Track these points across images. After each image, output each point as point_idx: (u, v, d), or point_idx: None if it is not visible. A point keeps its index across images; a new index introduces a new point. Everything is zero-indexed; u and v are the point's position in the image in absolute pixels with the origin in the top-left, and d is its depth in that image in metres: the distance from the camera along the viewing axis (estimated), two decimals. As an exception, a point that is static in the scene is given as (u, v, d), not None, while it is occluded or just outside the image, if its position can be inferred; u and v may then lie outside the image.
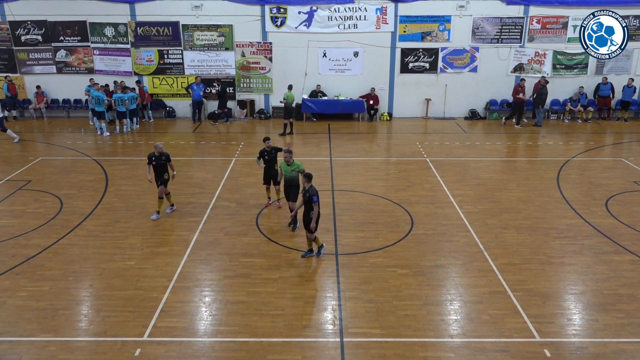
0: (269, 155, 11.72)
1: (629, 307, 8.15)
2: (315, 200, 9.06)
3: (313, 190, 9.16)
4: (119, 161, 15.71)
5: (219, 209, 11.94)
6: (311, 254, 9.68)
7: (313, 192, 9.12)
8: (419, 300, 8.34)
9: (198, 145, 17.51)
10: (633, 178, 14.00)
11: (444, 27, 20.39)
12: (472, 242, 10.37)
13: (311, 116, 21.09)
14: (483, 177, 14.17)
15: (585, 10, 18.11)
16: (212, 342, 7.37)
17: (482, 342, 7.35)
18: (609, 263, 9.53)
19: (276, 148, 11.86)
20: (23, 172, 14.52)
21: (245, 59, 20.85)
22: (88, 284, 8.90)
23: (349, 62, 20.87)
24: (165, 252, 9.96)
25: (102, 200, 12.51)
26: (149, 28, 20.40)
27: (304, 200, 9.32)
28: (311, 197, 9.09)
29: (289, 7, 20.11)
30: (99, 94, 18.36)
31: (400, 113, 21.56)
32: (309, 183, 9.24)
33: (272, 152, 11.72)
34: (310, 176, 9.31)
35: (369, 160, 15.94)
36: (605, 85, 20.27)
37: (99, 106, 18.22)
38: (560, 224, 11.20)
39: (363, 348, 7.23)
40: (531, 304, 8.21)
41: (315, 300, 8.36)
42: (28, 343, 7.35)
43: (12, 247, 10.15)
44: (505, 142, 17.91)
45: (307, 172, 9.44)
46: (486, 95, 21.35)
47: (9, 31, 20.50)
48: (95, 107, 18.32)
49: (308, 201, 9.18)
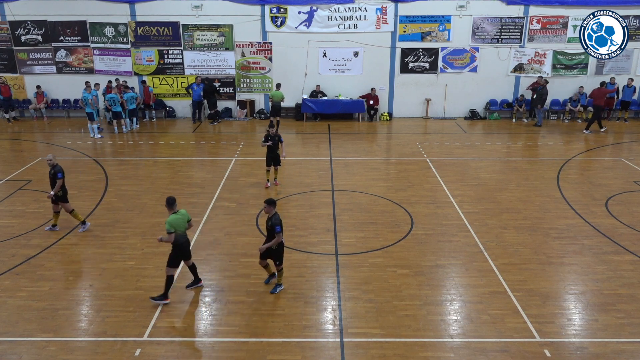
0: (272, 141, 12.82)
1: (629, 307, 8.15)
2: (278, 230, 7.99)
3: (277, 219, 8.06)
4: (119, 161, 15.71)
5: (219, 209, 11.94)
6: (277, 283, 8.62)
7: (276, 222, 8.02)
8: (419, 300, 8.34)
9: (198, 145, 17.51)
10: (633, 178, 14.00)
11: (444, 27, 20.39)
12: (472, 242, 10.37)
13: (312, 116, 21.11)
14: (483, 177, 14.17)
15: (585, 10, 18.13)
16: (212, 342, 7.37)
17: (482, 342, 7.36)
18: (609, 263, 9.53)
19: (279, 136, 13.01)
20: (23, 172, 14.52)
21: (245, 59, 20.85)
22: (88, 284, 8.90)
23: (349, 62, 20.87)
24: (165, 252, 9.88)
25: (102, 200, 12.51)
26: (149, 28, 20.41)
27: (266, 228, 8.29)
28: (273, 226, 8.01)
29: (289, 7, 20.11)
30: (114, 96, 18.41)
31: (400, 113, 21.56)
32: (273, 209, 8.13)
33: (275, 138, 12.84)
34: (273, 202, 8.19)
35: (369, 160, 15.94)
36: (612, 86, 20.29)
37: (88, 107, 18.01)
38: (560, 224, 11.20)
39: (363, 348, 7.23)
40: (531, 304, 8.21)
41: (315, 300, 8.36)
42: (28, 343, 7.35)
43: (12, 247, 10.15)
44: (505, 142, 17.91)
45: (270, 198, 8.28)
46: (486, 95, 21.36)
47: (9, 31, 20.50)
48: (85, 108, 18.06)
49: (270, 230, 8.14)
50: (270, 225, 8.10)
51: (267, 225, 8.24)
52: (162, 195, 12.73)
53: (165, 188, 13.26)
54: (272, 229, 8.08)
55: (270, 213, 8.12)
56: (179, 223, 8.08)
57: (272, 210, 8.11)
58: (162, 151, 16.88)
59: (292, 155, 16.62)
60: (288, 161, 15.72)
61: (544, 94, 19.77)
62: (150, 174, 14.44)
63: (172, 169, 14.91)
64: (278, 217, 8.12)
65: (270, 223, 8.10)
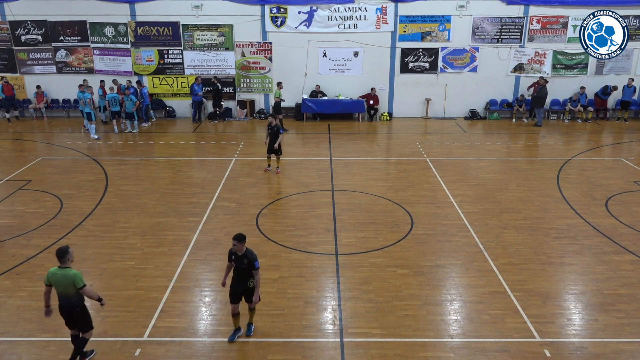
0: (271, 130, 13.79)
1: (629, 307, 8.15)
2: (258, 266, 7.06)
3: (252, 254, 7.06)
4: (119, 161, 15.71)
5: (219, 209, 11.94)
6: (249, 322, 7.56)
7: (253, 257, 7.03)
8: (419, 300, 8.34)
9: (198, 145, 17.51)
10: (633, 178, 14.00)
11: (444, 27, 20.39)
12: (472, 242, 10.37)
13: (312, 116, 21.12)
14: (483, 177, 14.17)
15: (585, 10, 18.13)
16: (212, 342, 7.36)
17: (482, 342, 7.35)
18: (609, 263, 9.53)
19: (278, 126, 13.95)
20: (23, 172, 14.52)
21: (245, 59, 20.85)
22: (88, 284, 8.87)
23: (349, 62, 20.88)
24: (165, 252, 9.95)
25: (102, 200, 12.51)
26: (149, 28, 20.41)
27: (239, 267, 7.14)
28: (252, 263, 7.00)
29: (289, 7, 20.11)
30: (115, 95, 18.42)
31: (400, 113, 21.56)
32: (244, 245, 7.04)
33: (274, 128, 13.82)
34: (243, 237, 7.04)
35: (369, 160, 15.94)
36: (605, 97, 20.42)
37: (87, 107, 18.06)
38: (560, 224, 11.20)
39: (363, 348, 7.23)
40: (531, 304, 8.21)
41: (315, 300, 8.36)
42: (28, 343, 7.35)
43: (12, 247, 10.15)
44: (505, 142, 17.91)
45: (239, 233, 7.11)
46: (486, 95, 21.36)
47: (9, 31, 20.50)
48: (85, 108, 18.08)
49: (247, 269, 7.07)
50: (247, 263, 7.02)
51: (241, 265, 7.06)
52: (162, 195, 12.74)
53: (165, 188, 13.26)
54: (250, 266, 7.03)
55: (241, 251, 7.01)
56: (58, 280, 6.51)
57: (244, 246, 7.02)
58: (162, 151, 16.88)
59: (292, 155, 16.63)
60: (288, 161, 15.74)
61: (544, 94, 19.77)
62: (150, 174, 14.44)
63: (172, 169, 14.91)
64: (252, 252, 7.11)
65: (246, 261, 7.01)
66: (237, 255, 7.09)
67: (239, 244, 6.98)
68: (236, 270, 7.21)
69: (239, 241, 6.98)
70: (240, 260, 7.08)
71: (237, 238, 7.01)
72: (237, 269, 7.18)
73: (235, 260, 7.13)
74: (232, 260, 7.18)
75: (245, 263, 7.05)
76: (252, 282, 7.19)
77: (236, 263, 7.15)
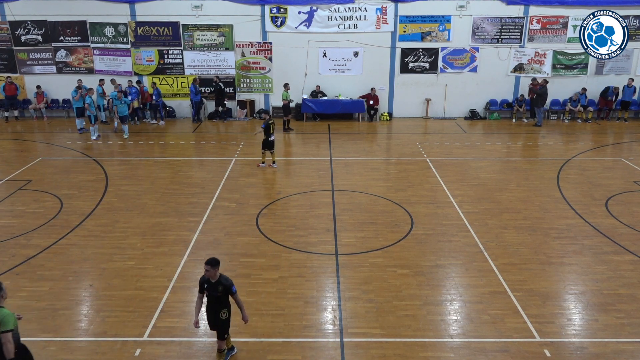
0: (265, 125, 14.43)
1: (629, 307, 8.15)
2: (235, 290, 6.48)
3: (227, 280, 6.47)
4: (119, 161, 15.71)
5: (219, 209, 11.94)
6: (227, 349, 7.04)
7: (229, 283, 6.44)
8: (419, 300, 8.34)
9: (198, 145, 17.51)
10: (633, 178, 14.00)
11: (444, 27, 20.39)
12: (472, 242, 10.37)
13: (312, 116, 21.12)
14: (483, 177, 14.17)
15: (585, 10, 18.12)
16: (212, 342, 7.35)
17: (482, 342, 7.35)
18: (609, 263, 9.53)
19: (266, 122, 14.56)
20: (23, 172, 14.52)
21: (245, 59, 20.85)
22: (88, 284, 8.90)
23: (349, 62, 20.87)
24: (165, 252, 9.95)
25: (102, 200, 12.51)
26: (149, 28, 20.41)
27: (212, 296, 6.52)
28: (228, 289, 6.43)
29: (289, 7, 20.11)
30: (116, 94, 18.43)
31: (400, 113, 21.56)
32: (217, 271, 6.41)
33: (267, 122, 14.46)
34: (216, 262, 6.40)
35: (369, 160, 15.94)
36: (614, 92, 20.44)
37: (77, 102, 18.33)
38: (560, 224, 11.20)
39: (363, 348, 7.23)
40: (531, 304, 8.21)
41: (315, 300, 8.36)
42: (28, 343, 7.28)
43: (12, 247, 10.15)
44: (505, 142, 17.91)
45: (212, 258, 6.44)
46: (486, 95, 21.35)
47: (9, 31, 20.50)
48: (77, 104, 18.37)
49: (222, 296, 6.49)
50: (222, 290, 6.42)
51: (215, 293, 6.45)
52: (162, 195, 12.74)
53: (165, 188, 13.26)
54: (227, 291, 6.45)
55: (215, 277, 6.40)
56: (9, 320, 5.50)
57: (217, 272, 6.42)
58: (162, 151, 16.88)
59: (292, 155, 16.66)
60: (288, 161, 15.76)
61: (544, 94, 19.76)
62: (150, 174, 14.44)
63: (172, 169, 14.91)
64: (227, 277, 6.54)
65: (221, 288, 6.42)
66: (210, 282, 6.44)
67: (212, 269, 6.33)
68: (209, 299, 6.56)
69: (212, 266, 6.33)
70: (214, 288, 6.45)
71: (210, 263, 6.35)
72: (210, 298, 6.53)
73: (209, 288, 6.47)
74: (205, 289, 6.51)
75: (220, 290, 6.43)
76: (225, 313, 6.57)
77: (209, 291, 6.49)
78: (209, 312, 6.69)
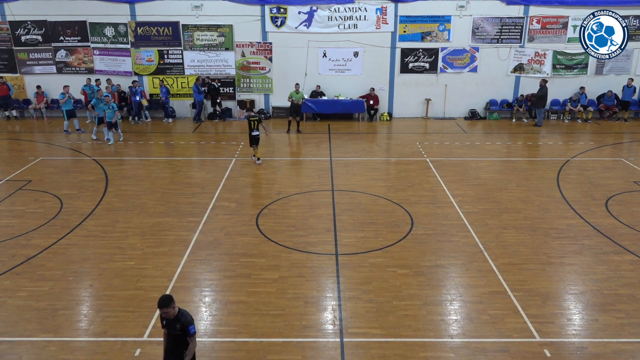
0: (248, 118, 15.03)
1: (629, 307, 8.15)
2: (193, 331, 5.73)
3: (186, 317, 5.74)
4: (119, 161, 15.71)
5: (219, 209, 11.94)
6: None
7: (187, 321, 5.71)
8: (419, 300, 8.34)
9: (198, 145, 17.51)
10: (633, 178, 14.00)
11: (444, 27, 20.39)
12: (472, 242, 10.37)
13: (312, 116, 21.12)
14: (483, 177, 14.17)
15: (585, 10, 18.11)
16: (212, 342, 7.36)
17: (482, 342, 7.35)
18: (609, 263, 9.53)
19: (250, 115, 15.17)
20: (23, 172, 14.52)
21: (245, 59, 20.85)
22: (88, 284, 8.90)
23: (349, 62, 20.87)
24: (165, 252, 9.95)
25: (102, 200, 12.51)
26: (149, 28, 20.41)
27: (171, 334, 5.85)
28: (185, 327, 5.69)
29: (289, 7, 20.11)
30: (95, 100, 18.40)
31: (400, 113, 21.56)
32: (172, 308, 5.69)
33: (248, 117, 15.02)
34: (168, 299, 5.66)
35: (369, 160, 15.94)
36: (610, 98, 20.42)
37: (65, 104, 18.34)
38: (560, 224, 11.20)
39: (363, 348, 7.23)
40: (531, 304, 8.21)
41: (315, 300, 8.36)
42: (28, 343, 7.35)
43: (12, 247, 10.15)
44: (505, 142, 17.91)
45: (163, 296, 5.72)
46: (486, 95, 21.35)
47: (9, 31, 20.50)
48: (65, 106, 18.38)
49: (181, 335, 5.77)
50: (179, 328, 5.71)
51: (173, 330, 5.75)
52: (162, 195, 12.74)
53: (165, 188, 13.26)
54: (182, 330, 5.72)
55: (170, 314, 5.70)
56: None
57: (174, 308, 5.72)
58: (162, 151, 16.88)
59: (292, 155, 16.66)
60: (288, 161, 15.77)
61: (544, 94, 19.76)
62: (150, 174, 14.45)
63: (172, 169, 14.91)
64: (187, 313, 5.81)
65: (179, 326, 5.70)
66: (168, 319, 5.76)
67: (167, 309, 5.63)
68: (169, 337, 5.86)
69: (165, 306, 5.61)
70: (172, 325, 5.73)
71: (160, 305, 5.62)
72: (170, 336, 5.84)
73: (167, 325, 5.79)
74: (164, 326, 5.85)
75: (177, 328, 5.71)
76: (186, 354, 5.79)
77: (168, 328, 5.80)
78: (169, 355, 5.88)
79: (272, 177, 14.19)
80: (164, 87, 20.51)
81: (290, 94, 18.93)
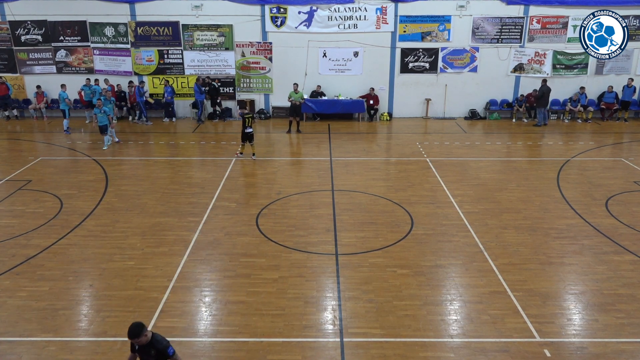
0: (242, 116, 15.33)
1: (629, 307, 8.15)
2: (171, 352, 5.49)
3: (160, 342, 5.47)
4: (119, 161, 15.71)
5: (219, 209, 11.94)
6: None
7: (163, 345, 5.46)
8: (419, 300, 8.33)
9: (198, 145, 17.51)
10: (633, 178, 14.00)
11: (444, 27, 20.39)
12: (472, 242, 10.37)
13: (312, 116, 21.12)
14: (483, 177, 14.17)
15: (585, 10, 18.11)
16: (212, 342, 7.36)
17: (482, 342, 7.35)
18: (609, 263, 9.53)
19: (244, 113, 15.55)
20: (23, 172, 14.52)
21: (245, 59, 20.85)
22: (88, 284, 8.90)
23: (349, 62, 20.87)
24: (165, 252, 9.95)
25: (102, 200, 12.51)
26: (149, 28, 20.41)
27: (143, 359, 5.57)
28: (163, 351, 5.46)
29: (289, 7, 20.11)
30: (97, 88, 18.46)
31: (400, 113, 21.56)
32: (145, 335, 5.38)
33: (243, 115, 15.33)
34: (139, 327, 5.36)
35: (369, 160, 15.94)
36: (610, 94, 20.42)
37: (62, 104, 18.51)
38: (560, 224, 11.20)
39: (363, 348, 7.23)
40: (531, 304, 8.21)
41: (315, 300, 8.36)
42: (28, 343, 7.35)
43: (12, 247, 10.15)
44: (505, 142, 17.91)
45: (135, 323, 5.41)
46: (486, 95, 21.35)
47: (9, 31, 20.50)
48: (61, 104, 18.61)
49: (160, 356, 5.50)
50: (154, 354, 5.45)
51: (148, 356, 5.49)
52: (162, 195, 12.74)
53: (165, 188, 13.26)
54: (162, 355, 5.47)
55: (143, 342, 5.40)
56: None
57: (147, 334, 5.40)
58: (162, 151, 16.88)
59: (292, 155, 16.66)
60: (288, 161, 15.76)
61: (546, 94, 19.74)
62: (150, 174, 14.45)
63: (172, 169, 14.91)
64: (161, 337, 5.53)
65: (154, 352, 5.45)
66: (140, 345, 5.45)
67: (138, 338, 5.35)
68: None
69: (136, 337, 5.33)
70: (146, 352, 5.46)
71: (131, 336, 5.33)
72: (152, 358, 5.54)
73: (140, 351, 5.51)
74: (136, 350, 5.55)
75: (152, 354, 5.45)
76: None
77: (141, 355, 5.54)
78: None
79: (272, 177, 14.19)
80: (169, 87, 20.48)
81: (290, 94, 18.95)
